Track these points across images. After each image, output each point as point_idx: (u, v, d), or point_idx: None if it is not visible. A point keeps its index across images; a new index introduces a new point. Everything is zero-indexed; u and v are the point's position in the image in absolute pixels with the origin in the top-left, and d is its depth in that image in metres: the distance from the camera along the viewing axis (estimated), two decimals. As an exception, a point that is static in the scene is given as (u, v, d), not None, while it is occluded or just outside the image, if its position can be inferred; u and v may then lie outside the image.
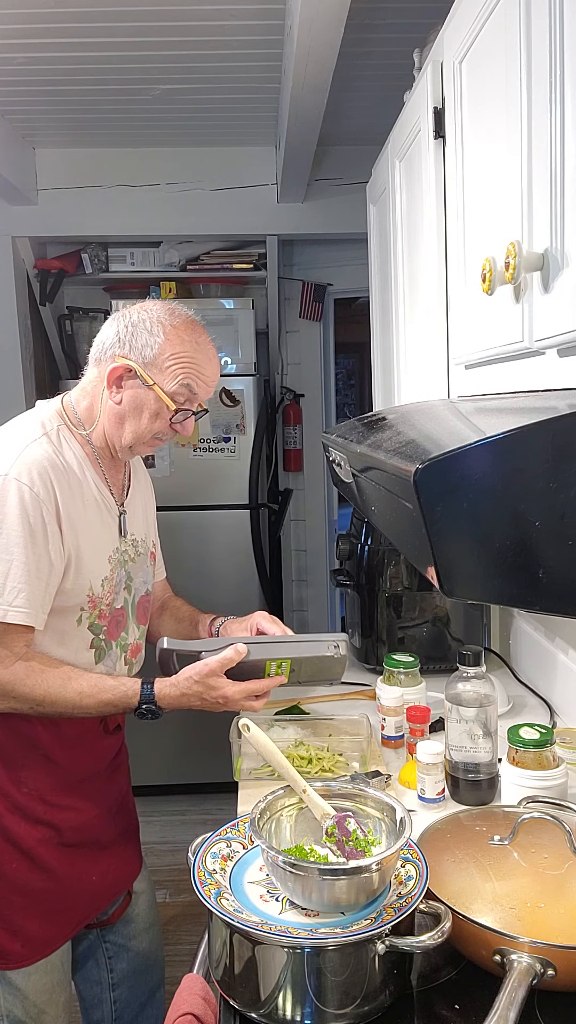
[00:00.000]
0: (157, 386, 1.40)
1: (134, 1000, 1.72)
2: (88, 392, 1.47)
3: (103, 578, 1.44)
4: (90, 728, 1.48)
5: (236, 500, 3.38)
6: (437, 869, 1.08)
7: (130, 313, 1.44)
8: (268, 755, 1.18)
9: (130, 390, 1.42)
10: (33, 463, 1.35)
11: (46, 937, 1.46)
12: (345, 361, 7.01)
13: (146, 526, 1.62)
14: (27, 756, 1.43)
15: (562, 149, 0.91)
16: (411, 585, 2.03)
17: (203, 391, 1.45)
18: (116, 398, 1.42)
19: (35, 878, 1.44)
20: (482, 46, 1.18)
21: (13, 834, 1.42)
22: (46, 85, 2.54)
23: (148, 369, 1.40)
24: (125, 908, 1.65)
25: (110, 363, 1.41)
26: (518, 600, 0.95)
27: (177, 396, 1.41)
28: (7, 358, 3.39)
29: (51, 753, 1.44)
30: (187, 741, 3.17)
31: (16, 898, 1.43)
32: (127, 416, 1.43)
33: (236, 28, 2.17)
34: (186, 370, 1.41)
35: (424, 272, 1.62)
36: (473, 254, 1.29)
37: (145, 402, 1.41)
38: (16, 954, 1.43)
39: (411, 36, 1.96)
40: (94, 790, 1.51)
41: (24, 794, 1.43)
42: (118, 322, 1.44)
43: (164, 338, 1.40)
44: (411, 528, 0.94)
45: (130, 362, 1.40)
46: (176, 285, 3.50)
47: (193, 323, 1.45)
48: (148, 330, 1.40)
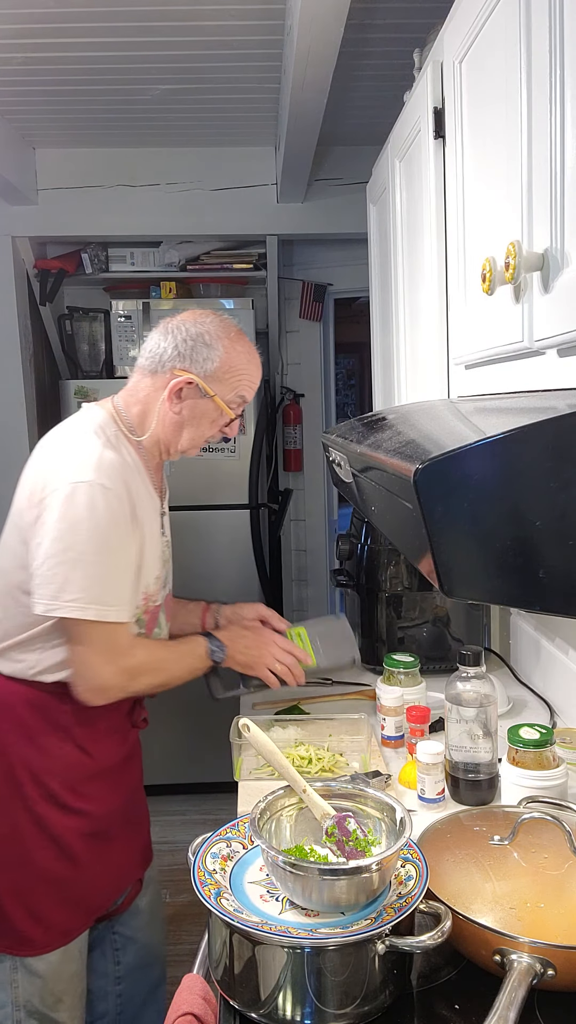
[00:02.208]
0: (218, 397, 1.49)
1: (137, 994, 1.75)
2: (140, 399, 1.52)
3: (156, 576, 1.54)
4: (120, 720, 1.54)
5: (236, 500, 3.38)
6: (437, 869, 1.08)
7: (185, 326, 1.50)
8: (268, 755, 1.18)
9: (190, 400, 1.49)
10: (111, 467, 1.40)
11: (67, 925, 1.50)
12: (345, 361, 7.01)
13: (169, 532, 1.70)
14: (62, 746, 1.47)
15: (562, 149, 0.91)
16: (411, 585, 2.03)
17: (251, 397, 1.57)
18: (176, 408, 1.50)
19: (61, 866, 1.47)
20: (482, 46, 1.18)
21: (46, 821, 1.46)
22: (46, 85, 2.54)
23: (209, 381, 1.48)
24: (135, 896, 1.69)
25: (170, 376, 1.48)
26: (518, 600, 0.95)
27: (232, 404, 1.52)
28: (7, 358, 3.39)
29: (84, 744, 1.48)
30: (187, 741, 3.17)
31: (42, 886, 1.47)
32: (187, 424, 1.51)
33: (236, 28, 2.17)
34: (242, 381, 1.52)
35: (424, 272, 1.62)
36: (473, 254, 1.29)
37: (205, 412, 1.51)
38: (38, 941, 1.46)
39: (411, 36, 1.97)
40: (116, 780, 1.56)
41: (58, 783, 1.47)
42: (174, 335, 1.50)
43: (224, 352, 1.49)
44: (411, 528, 0.94)
45: (192, 375, 1.47)
46: (176, 285, 3.50)
47: (242, 334, 1.55)
48: (208, 344, 1.48)
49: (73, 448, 1.43)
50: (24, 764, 1.46)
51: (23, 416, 3.41)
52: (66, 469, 1.39)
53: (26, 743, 1.46)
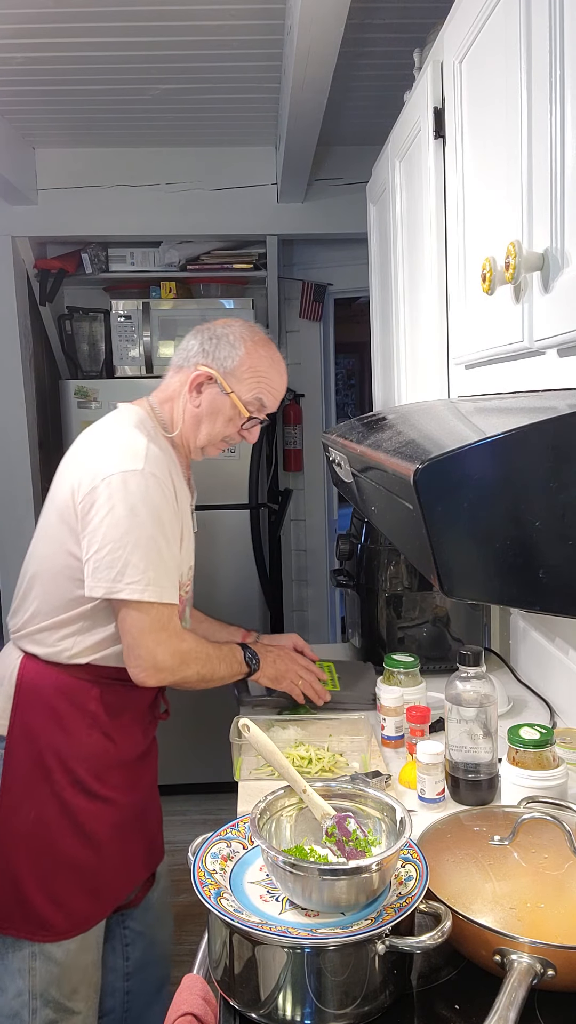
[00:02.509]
0: (234, 394, 1.55)
1: (144, 992, 1.78)
2: (169, 395, 1.61)
3: (189, 566, 1.61)
4: (143, 711, 1.58)
5: (236, 500, 3.38)
6: (437, 869, 1.08)
7: (214, 328, 1.60)
8: (268, 755, 1.18)
9: (209, 395, 1.57)
10: (157, 458, 1.48)
11: (87, 913, 1.53)
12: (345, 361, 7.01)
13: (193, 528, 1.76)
14: (90, 733, 1.52)
15: (562, 149, 0.91)
16: (411, 585, 2.02)
17: (271, 403, 1.61)
18: (196, 402, 1.57)
19: (85, 854, 1.51)
20: (482, 46, 1.18)
21: (73, 808, 1.50)
22: (46, 85, 2.54)
23: (227, 378, 1.55)
24: (147, 890, 1.73)
25: (193, 371, 1.57)
26: (518, 600, 0.95)
27: (250, 405, 1.57)
28: (7, 358, 3.39)
29: (109, 731, 1.53)
30: (187, 741, 3.16)
31: (65, 871, 1.49)
32: (204, 419, 1.58)
33: (236, 28, 2.17)
34: (260, 383, 1.57)
35: (424, 272, 1.62)
36: (473, 254, 1.29)
37: (222, 408, 1.57)
38: (58, 927, 1.49)
39: (411, 36, 1.97)
40: (136, 773, 1.61)
41: (84, 769, 1.50)
42: (202, 335, 1.59)
43: (244, 352, 1.56)
44: (411, 528, 0.94)
45: (211, 370, 1.55)
46: (176, 285, 3.50)
47: (269, 341, 1.62)
48: (231, 343, 1.56)
49: (120, 440, 1.50)
50: (53, 749, 1.49)
51: (23, 416, 3.41)
52: (116, 460, 1.46)
53: (55, 728, 1.50)
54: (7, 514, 3.43)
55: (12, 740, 1.50)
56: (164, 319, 3.41)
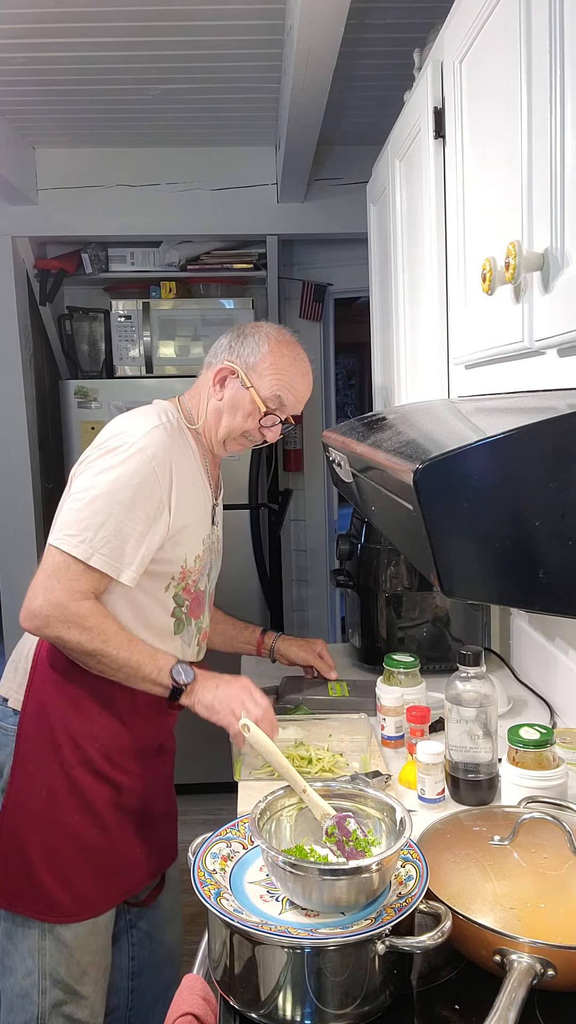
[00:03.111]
0: (254, 389, 1.57)
1: (149, 992, 1.78)
2: (198, 389, 1.66)
3: (196, 555, 1.60)
4: (158, 704, 1.56)
5: (236, 500, 3.38)
6: (437, 869, 1.08)
7: (244, 327, 1.64)
8: (268, 755, 1.18)
9: (231, 389, 1.60)
10: (158, 441, 1.50)
11: (95, 896, 1.53)
12: (345, 361, 7.01)
13: (219, 527, 1.76)
14: (102, 714, 1.53)
15: (562, 149, 0.91)
16: (411, 585, 2.02)
17: (292, 404, 1.62)
18: (218, 395, 1.61)
19: (93, 834, 1.52)
20: (482, 46, 1.18)
21: (81, 786, 1.51)
22: (46, 85, 2.54)
23: (249, 373, 1.58)
24: (159, 892, 1.73)
25: (218, 365, 1.60)
26: (518, 600, 0.95)
27: (268, 401, 1.58)
28: (7, 358, 3.39)
29: (122, 714, 1.54)
30: (187, 741, 3.16)
31: (74, 851, 1.51)
32: (224, 411, 1.60)
33: (236, 28, 2.17)
34: (280, 381, 1.59)
35: (424, 272, 1.62)
36: (473, 254, 1.29)
37: (242, 401, 1.59)
38: (66, 908, 1.50)
39: (411, 36, 1.97)
40: (149, 763, 1.61)
41: (95, 749, 1.52)
42: (232, 333, 1.64)
43: (268, 349, 1.59)
44: (411, 528, 0.94)
45: (235, 365, 1.59)
46: (176, 285, 3.50)
47: (296, 343, 1.64)
48: (256, 341, 1.60)
49: (129, 421, 1.55)
50: (64, 727, 1.51)
51: (23, 416, 3.41)
52: (116, 434, 1.51)
53: (68, 706, 1.51)
54: (7, 514, 3.43)
55: (26, 716, 1.52)
56: (164, 319, 3.41)
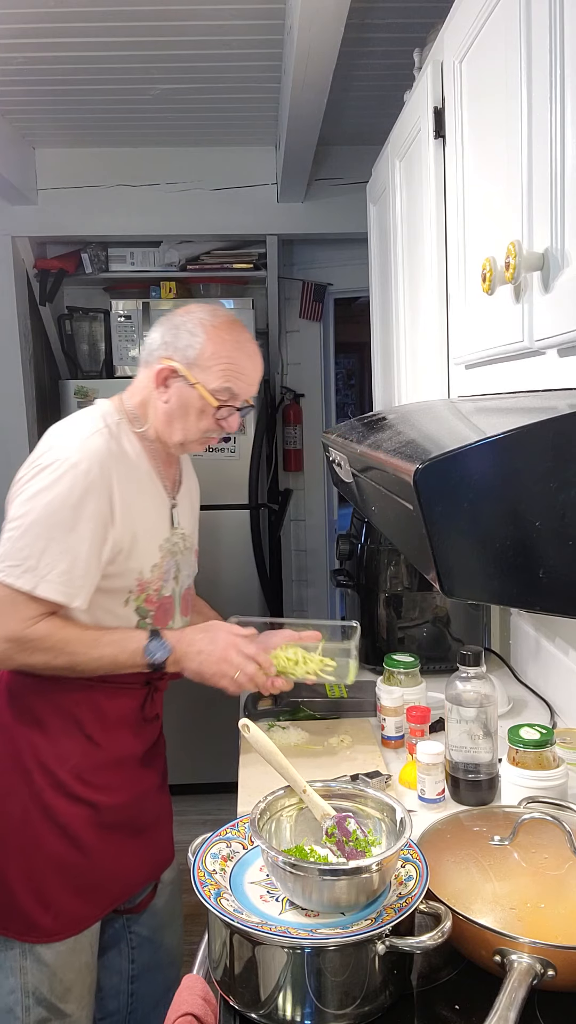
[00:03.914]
0: (200, 385, 1.46)
1: (150, 995, 1.75)
2: (139, 390, 1.54)
3: (153, 564, 1.51)
4: (129, 713, 1.53)
5: (236, 500, 3.38)
6: (437, 869, 1.08)
7: (173, 317, 1.51)
8: (268, 755, 1.18)
9: (176, 389, 1.48)
10: (93, 452, 1.42)
11: (77, 915, 1.49)
12: (345, 361, 7.01)
13: (193, 522, 1.69)
14: (68, 734, 1.48)
15: (562, 149, 0.91)
16: (411, 585, 2.02)
17: (244, 389, 1.51)
18: (164, 398, 1.49)
19: (71, 854, 1.47)
20: (482, 46, 1.18)
21: (53, 810, 1.46)
22: (46, 85, 2.54)
23: (191, 369, 1.47)
24: (151, 898, 1.69)
25: (156, 364, 1.49)
26: (518, 600, 0.95)
27: (219, 394, 1.47)
28: (7, 358, 3.39)
29: (93, 734, 1.49)
30: (187, 741, 3.16)
31: (51, 873, 1.46)
32: (175, 415, 1.50)
33: (236, 28, 2.17)
34: (226, 370, 1.47)
35: (424, 272, 1.62)
36: (473, 254, 1.29)
37: (190, 401, 1.48)
38: (47, 928, 1.46)
39: (411, 36, 1.97)
40: (131, 774, 1.55)
41: (66, 771, 1.47)
42: (163, 326, 1.52)
43: (205, 338, 1.46)
44: (411, 528, 0.94)
45: (174, 363, 1.47)
46: (176, 285, 3.50)
47: (233, 323, 1.51)
48: (190, 331, 1.47)
49: (60, 433, 1.46)
50: (32, 752, 1.47)
51: (23, 416, 3.41)
52: (47, 450, 1.42)
53: (34, 730, 1.47)
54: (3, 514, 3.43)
55: None
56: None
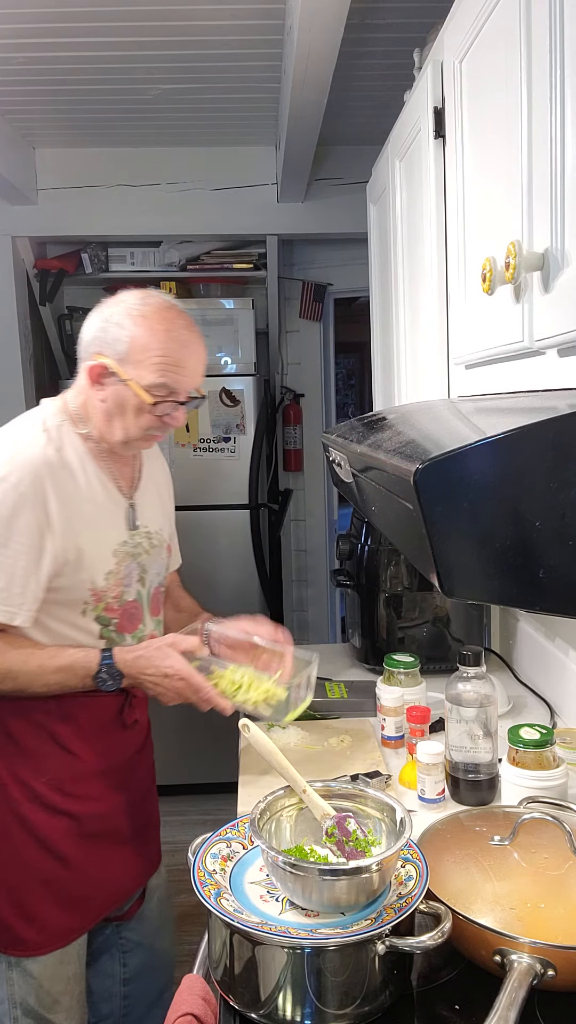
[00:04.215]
0: (133, 381, 1.36)
1: (144, 997, 1.73)
2: (81, 390, 1.46)
3: (107, 572, 1.44)
4: (107, 721, 1.48)
5: (236, 500, 3.38)
6: (437, 869, 1.08)
7: (103, 307, 1.41)
8: (268, 755, 1.18)
9: (111, 387, 1.39)
10: (26, 464, 1.35)
11: (63, 927, 1.46)
12: (345, 361, 7.00)
13: (162, 518, 1.61)
14: (44, 746, 1.44)
15: (562, 149, 0.91)
16: (411, 585, 2.03)
17: (183, 382, 1.39)
18: (100, 396, 1.41)
19: (52, 867, 1.44)
20: (482, 46, 1.18)
21: (31, 823, 1.43)
22: (46, 85, 2.54)
23: (123, 365, 1.37)
24: (140, 905, 1.66)
25: (88, 361, 1.40)
26: (518, 600, 0.95)
27: (155, 390, 1.37)
28: (7, 358, 3.39)
29: (68, 744, 1.44)
30: (187, 741, 3.16)
31: (33, 885, 1.44)
32: (113, 414, 1.41)
33: (236, 28, 2.17)
34: (159, 364, 1.36)
35: (424, 272, 1.62)
36: (473, 254, 1.29)
37: (126, 399, 1.38)
38: (32, 942, 1.43)
39: (411, 36, 1.97)
40: (114, 783, 1.51)
41: (42, 783, 1.43)
42: (93, 318, 1.42)
43: (134, 330, 1.36)
44: (411, 528, 0.94)
45: (105, 359, 1.38)
46: (176, 285, 3.50)
47: (166, 309, 1.39)
48: (118, 324, 1.37)
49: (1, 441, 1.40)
50: (6, 764, 1.43)
51: (23, 416, 3.41)
52: None
53: (7, 743, 1.43)
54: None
55: None
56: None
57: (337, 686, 1.90)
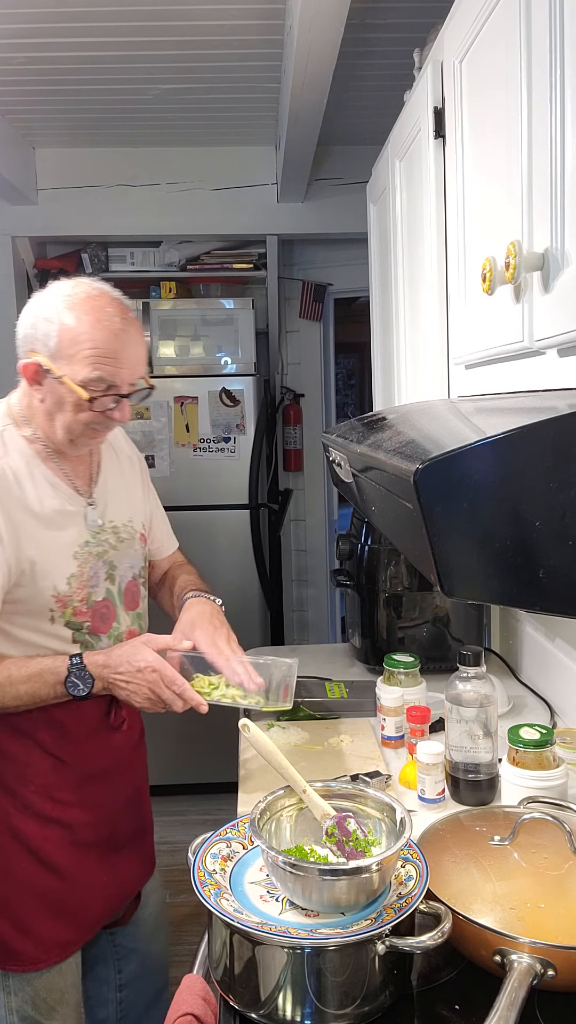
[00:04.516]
0: (67, 378, 1.29)
1: (140, 1001, 1.71)
2: (25, 391, 1.41)
3: (69, 576, 1.39)
4: (94, 725, 1.45)
5: (236, 500, 3.38)
6: (437, 869, 1.08)
7: (34, 301, 1.36)
8: (268, 755, 1.18)
9: (48, 386, 1.33)
10: None
11: (60, 940, 1.44)
12: (345, 361, 7.00)
13: (131, 508, 1.55)
14: (31, 754, 1.41)
15: (562, 149, 0.91)
16: (411, 585, 2.02)
17: (121, 374, 1.32)
18: (39, 396, 1.35)
19: (44, 878, 1.42)
20: (482, 46, 1.18)
21: (21, 833, 1.40)
22: (46, 85, 2.54)
23: (55, 361, 1.30)
24: (134, 910, 1.63)
25: (23, 360, 1.34)
26: (518, 600, 0.95)
27: (91, 386, 1.30)
28: (7, 358, 3.38)
29: (55, 751, 1.42)
30: (187, 741, 3.17)
31: (26, 897, 1.41)
32: (53, 413, 1.35)
33: (236, 28, 2.17)
34: (91, 357, 1.29)
35: (424, 272, 1.62)
36: (473, 254, 1.29)
37: (64, 396, 1.32)
38: (28, 955, 1.41)
39: (411, 36, 1.97)
40: (106, 788, 1.48)
41: (32, 792, 1.40)
42: (24, 313, 1.36)
43: (61, 324, 1.29)
44: (411, 528, 0.94)
45: (38, 357, 1.32)
46: (176, 285, 3.50)
47: (95, 298, 1.32)
48: (46, 318, 1.31)
49: None
50: None
51: (23, 416, 3.41)
52: None
53: None
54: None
55: None
56: (164, 319, 3.41)
57: (337, 686, 1.90)
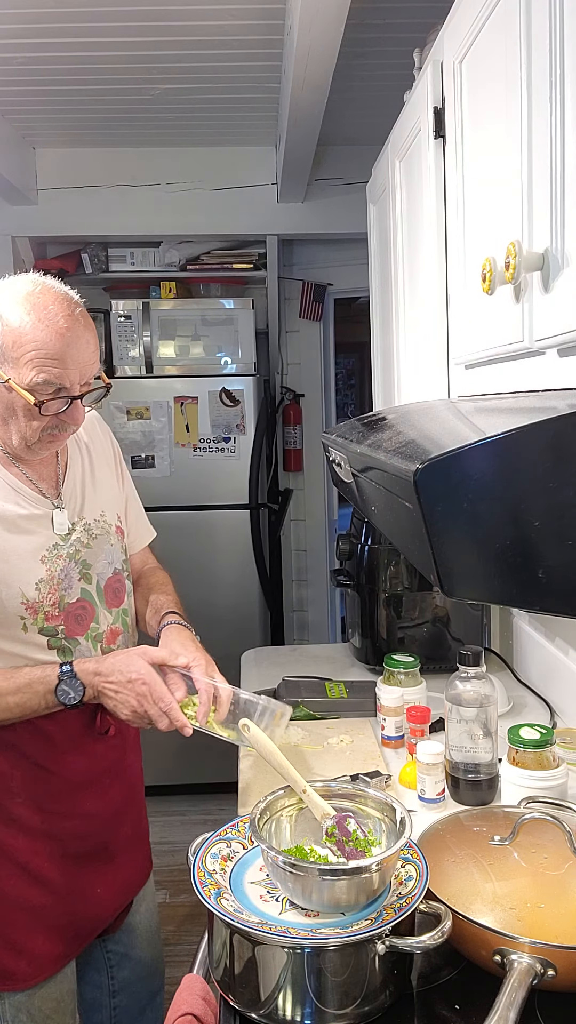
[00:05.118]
0: (12, 382, 1.23)
1: (134, 1005, 1.69)
2: None
3: (37, 581, 1.35)
4: (81, 732, 1.41)
5: (236, 500, 3.38)
6: (437, 869, 1.08)
7: None
8: (268, 755, 1.18)
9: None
10: None
11: (52, 955, 1.41)
12: (345, 361, 7.00)
13: (103, 502, 1.49)
14: (15, 765, 1.37)
15: (562, 149, 0.91)
16: (411, 585, 2.02)
17: (68, 375, 1.25)
18: None
19: (33, 893, 1.38)
20: (482, 46, 1.18)
21: (11, 849, 1.37)
22: (46, 85, 2.54)
23: (2, 365, 1.24)
24: (124, 917, 1.60)
25: None
26: (518, 600, 0.95)
27: (38, 391, 1.24)
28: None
29: (41, 761, 1.38)
30: (187, 741, 3.16)
31: (17, 915, 1.38)
32: (7, 418, 1.30)
33: (236, 28, 2.17)
34: (33, 359, 1.22)
35: (424, 272, 1.62)
36: (473, 254, 1.29)
37: (13, 402, 1.26)
38: (22, 974, 1.38)
39: (411, 36, 1.96)
40: (96, 796, 1.45)
41: (19, 804, 1.37)
42: None
43: (4, 325, 1.23)
44: (411, 528, 0.94)
45: None
46: (176, 285, 3.50)
47: (36, 296, 1.24)
48: None
49: None
50: None
51: (23, 416, 3.41)
52: None
53: None
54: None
55: None
56: (164, 319, 3.41)
57: (337, 686, 1.90)
